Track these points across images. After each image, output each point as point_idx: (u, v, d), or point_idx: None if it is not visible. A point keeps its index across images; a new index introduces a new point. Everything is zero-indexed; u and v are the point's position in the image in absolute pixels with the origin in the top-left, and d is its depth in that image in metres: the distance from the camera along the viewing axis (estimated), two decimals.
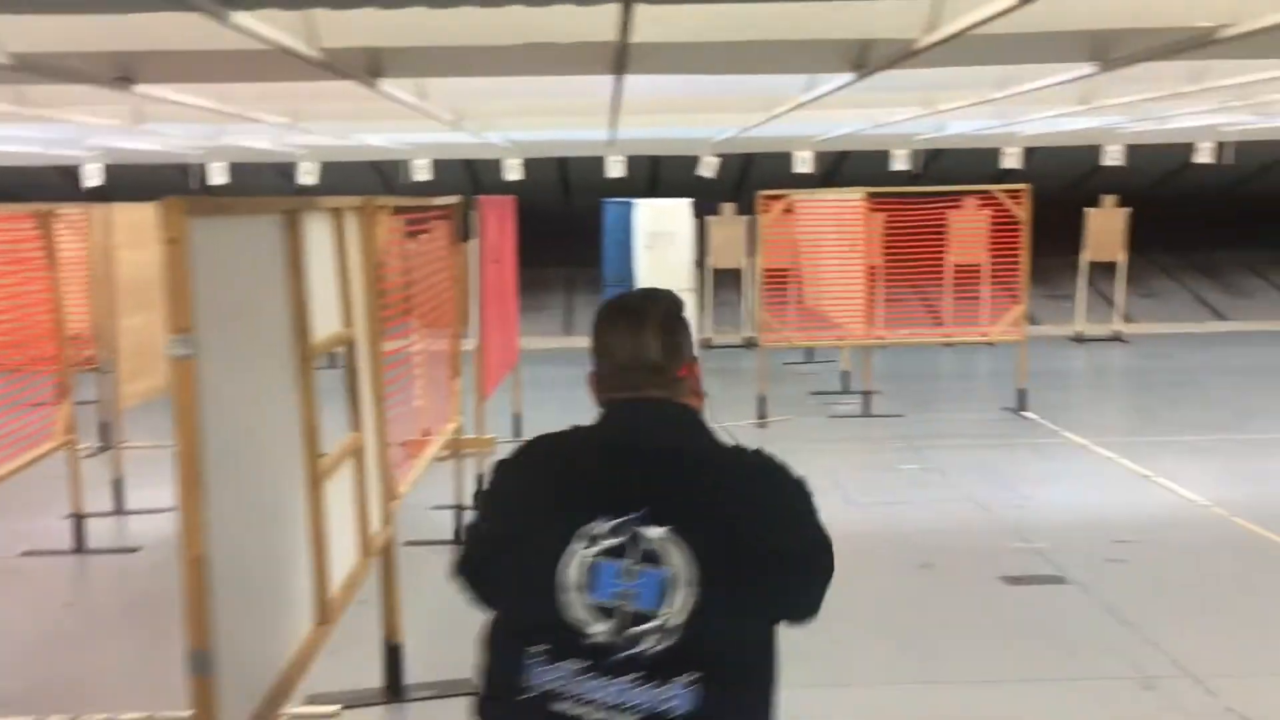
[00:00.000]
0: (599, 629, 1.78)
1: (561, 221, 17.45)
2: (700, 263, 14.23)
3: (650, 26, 5.11)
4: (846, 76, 6.54)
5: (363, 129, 11.01)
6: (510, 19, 4.99)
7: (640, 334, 1.95)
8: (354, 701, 4.57)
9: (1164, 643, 5.07)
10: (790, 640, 1.90)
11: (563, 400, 11.52)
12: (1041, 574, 6.05)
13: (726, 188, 15.06)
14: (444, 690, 4.58)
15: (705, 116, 10.69)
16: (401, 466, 5.09)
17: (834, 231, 10.50)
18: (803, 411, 10.50)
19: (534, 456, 2.00)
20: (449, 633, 5.56)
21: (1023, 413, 10.14)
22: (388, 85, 6.32)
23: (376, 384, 4.37)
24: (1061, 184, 16.22)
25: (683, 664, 1.76)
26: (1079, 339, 14.47)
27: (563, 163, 16.36)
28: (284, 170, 15.05)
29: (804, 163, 14.29)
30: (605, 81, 6.42)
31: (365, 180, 15.81)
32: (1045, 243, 14.53)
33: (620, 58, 5.24)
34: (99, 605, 6.10)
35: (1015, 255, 10.40)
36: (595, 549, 1.80)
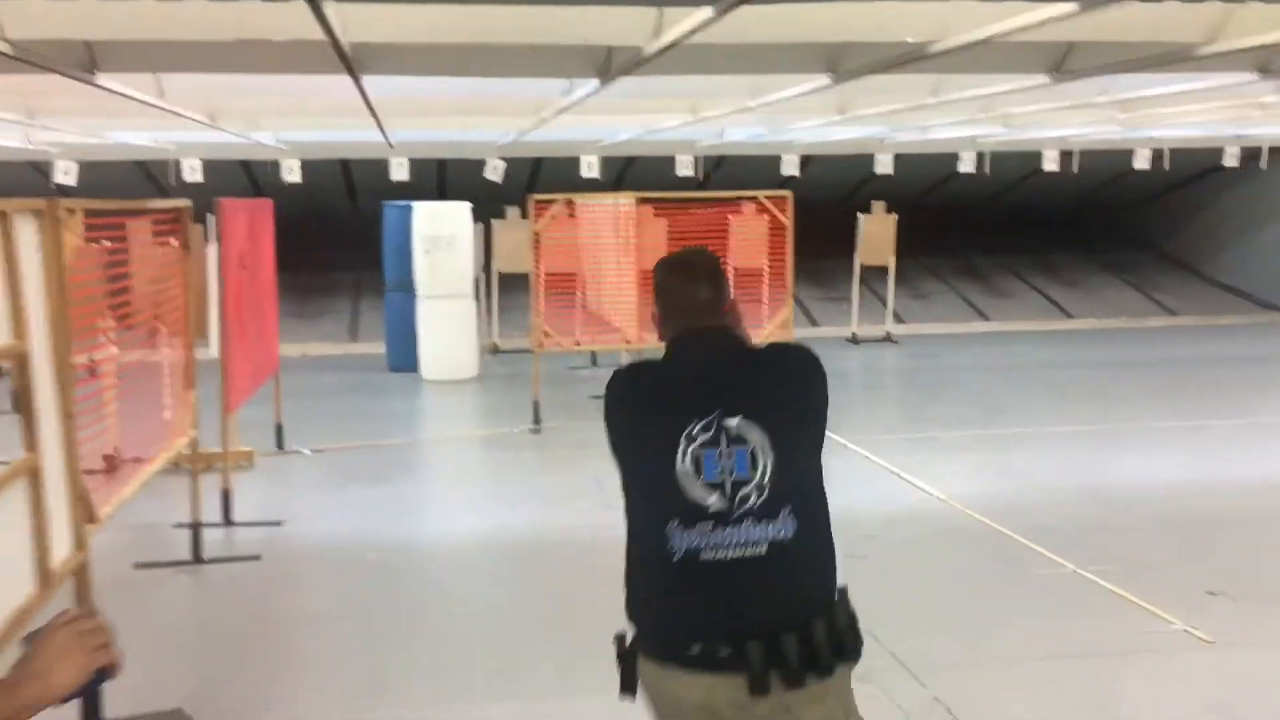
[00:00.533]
0: (714, 499, 2.41)
1: (348, 225, 17.00)
2: (486, 267, 14.10)
3: (372, 27, 4.99)
4: (594, 82, 6.56)
5: (115, 127, 10.42)
6: (228, 14, 4.79)
7: (695, 281, 2.61)
8: None
9: (885, 636, 5.23)
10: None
11: (343, 408, 11.31)
12: None
13: (516, 191, 14.97)
14: None
15: (479, 120, 10.57)
16: (109, 486, 4.79)
17: (611, 236, 10.55)
18: (581, 416, 10.45)
19: (637, 382, 2.63)
20: (168, 660, 5.29)
21: None
22: (108, 80, 5.97)
23: (64, 399, 4.08)
24: (839, 191, 16.80)
25: (779, 504, 2.41)
26: (854, 340, 14.99)
27: (346, 165, 15.92)
28: (43, 169, 14.12)
29: (591, 168, 14.33)
30: (347, 81, 6.23)
31: (132, 180, 14.99)
32: (825, 247, 14.99)
33: (344, 57, 5.08)
34: None
35: (785, 260, 10.66)
36: (696, 444, 2.42)
